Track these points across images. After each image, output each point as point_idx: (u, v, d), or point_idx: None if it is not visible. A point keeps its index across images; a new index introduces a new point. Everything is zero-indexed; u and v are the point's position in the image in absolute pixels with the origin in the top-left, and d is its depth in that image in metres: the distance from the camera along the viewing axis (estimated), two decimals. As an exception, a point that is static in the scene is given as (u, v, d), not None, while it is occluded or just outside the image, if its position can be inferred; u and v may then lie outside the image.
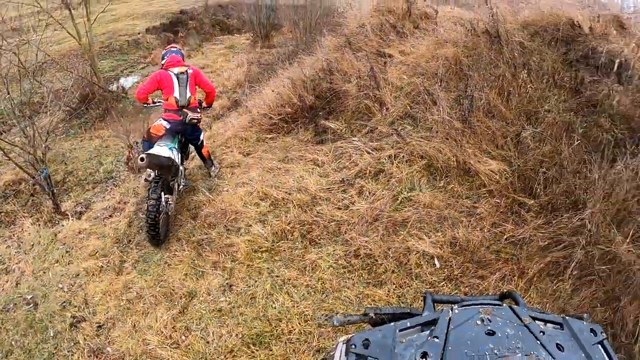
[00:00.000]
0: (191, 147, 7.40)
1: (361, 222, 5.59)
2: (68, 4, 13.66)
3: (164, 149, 6.13)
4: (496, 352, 1.88)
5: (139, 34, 21.35)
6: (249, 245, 5.64)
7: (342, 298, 4.92)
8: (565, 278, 4.79)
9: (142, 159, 5.84)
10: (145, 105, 7.11)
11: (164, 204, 5.98)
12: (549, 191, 5.47)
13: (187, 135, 6.88)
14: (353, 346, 1.97)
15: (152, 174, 6.32)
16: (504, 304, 2.26)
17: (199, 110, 6.97)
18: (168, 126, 6.56)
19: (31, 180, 8.27)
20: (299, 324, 4.76)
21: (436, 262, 5.11)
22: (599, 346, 2.01)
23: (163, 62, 7.06)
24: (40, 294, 5.71)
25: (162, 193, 6.01)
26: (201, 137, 7.11)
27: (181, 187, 6.66)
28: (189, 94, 6.78)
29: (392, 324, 2.10)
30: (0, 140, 8.11)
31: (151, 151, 6.04)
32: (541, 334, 1.98)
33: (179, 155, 6.60)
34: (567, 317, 2.14)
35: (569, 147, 5.64)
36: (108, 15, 17.04)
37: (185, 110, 6.71)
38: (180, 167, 6.61)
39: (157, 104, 7.04)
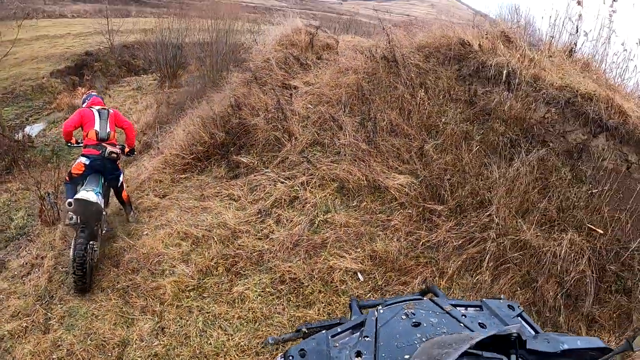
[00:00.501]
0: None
1: (282, 249, 5.80)
2: None
3: (90, 194, 6.11)
4: (424, 339, 2.04)
5: (43, 78, 20.85)
6: (176, 285, 5.66)
7: (274, 324, 5.07)
8: (483, 270, 5.29)
9: (69, 204, 5.90)
10: (69, 144, 7.25)
11: (89, 250, 5.92)
12: (456, 195, 6.00)
13: (107, 174, 6.82)
14: (290, 357, 2.12)
15: (74, 218, 6.26)
16: (425, 298, 2.48)
17: (117, 146, 7.02)
18: (87, 162, 6.57)
19: None
20: (237, 355, 4.85)
21: (359, 276, 5.40)
22: (519, 318, 2.27)
23: (85, 104, 7.28)
24: None
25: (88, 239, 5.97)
26: (121, 179, 7.12)
27: (103, 232, 6.57)
28: (109, 129, 6.89)
29: (324, 331, 2.27)
30: None
31: (78, 196, 6.04)
32: (463, 317, 2.20)
33: (103, 200, 6.60)
34: (484, 299, 2.39)
35: (469, 153, 6.26)
36: (10, 58, 16.63)
37: (104, 144, 6.74)
38: (103, 212, 6.57)
39: (80, 144, 7.12)
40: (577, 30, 7.40)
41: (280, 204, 6.48)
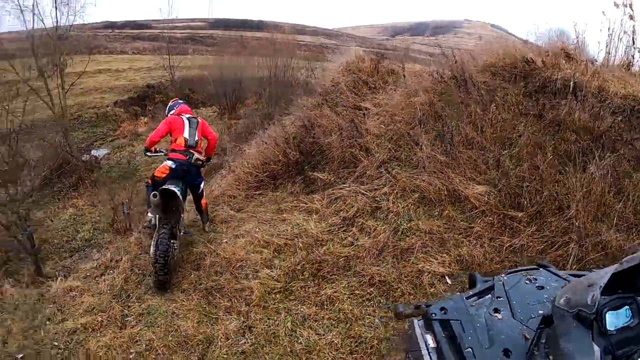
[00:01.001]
0: None
1: (369, 254, 5.79)
2: (43, 73, 13.90)
3: (174, 188, 6.28)
4: (552, 299, 2.16)
5: (107, 107, 21.77)
6: (262, 287, 5.69)
7: (366, 324, 5.04)
8: (567, 271, 5.21)
9: (155, 195, 6.13)
10: (148, 153, 7.30)
11: (171, 248, 6.05)
12: (534, 202, 5.95)
13: (190, 179, 6.94)
14: (433, 315, 2.21)
15: (153, 220, 6.49)
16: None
17: (203, 154, 7.19)
18: (173, 166, 6.70)
19: (13, 239, 8.27)
20: (330, 353, 4.83)
21: (447, 279, 5.37)
22: None
23: (172, 112, 7.42)
24: (33, 353, 5.37)
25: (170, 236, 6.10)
26: (202, 186, 7.23)
27: (181, 233, 6.63)
28: (197, 137, 7.04)
29: (458, 293, 2.38)
30: None
31: (164, 187, 6.24)
32: None
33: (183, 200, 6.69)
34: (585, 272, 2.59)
35: (544, 162, 6.22)
36: (77, 88, 17.71)
37: (192, 150, 6.91)
38: (182, 212, 6.70)
39: (159, 153, 7.26)
40: (633, 42, 7.51)
41: (362, 214, 6.49)
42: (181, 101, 7.74)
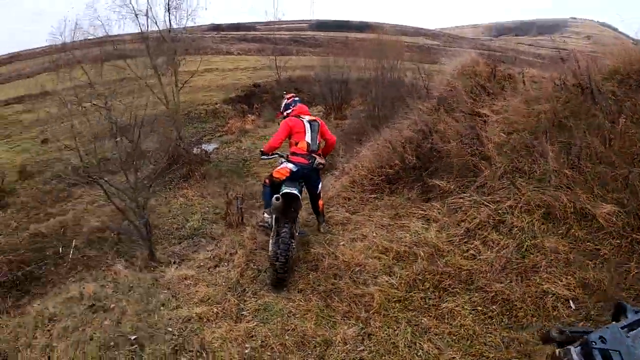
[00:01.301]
0: None
1: (491, 270, 5.58)
2: (159, 72, 14.61)
3: (295, 190, 6.36)
4: None
5: (216, 104, 22.87)
6: (382, 295, 5.59)
7: (488, 343, 4.86)
8: None
9: (277, 199, 6.13)
10: (265, 155, 7.14)
11: (292, 246, 6.10)
12: None
13: (310, 181, 7.02)
14: (593, 343, 2.09)
15: (270, 220, 6.67)
16: None
17: (323, 157, 7.18)
18: (295, 169, 6.71)
19: (129, 224, 8.66)
20: (450, 370, 4.68)
21: (571, 304, 5.07)
22: None
23: (289, 111, 7.38)
24: (147, 336, 5.42)
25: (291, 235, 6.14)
26: (319, 187, 7.20)
27: (297, 233, 6.59)
28: (318, 141, 7.05)
29: (613, 323, 2.30)
30: (108, 184, 8.37)
31: (285, 191, 6.30)
32: None
33: None
34: None
35: None
36: (186, 86, 18.28)
37: (314, 154, 6.91)
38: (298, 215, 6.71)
39: (275, 155, 7.14)
40: None
41: (484, 226, 6.26)
42: (298, 99, 7.62)
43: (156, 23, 17.01)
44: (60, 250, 10.37)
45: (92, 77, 8.17)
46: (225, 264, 7.03)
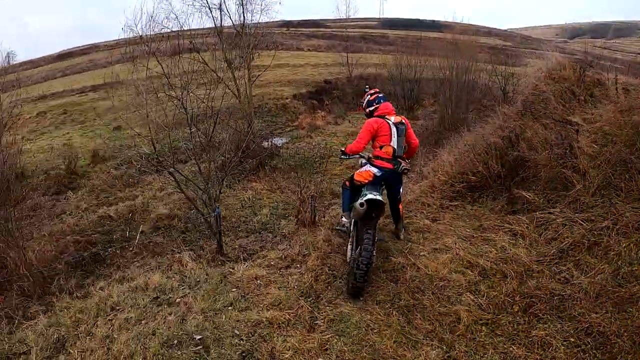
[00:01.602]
0: None
1: (585, 297, 5.00)
2: (231, 64, 14.47)
3: (378, 196, 5.90)
4: None
5: (287, 99, 22.67)
6: (469, 316, 5.11)
7: (580, 378, 4.32)
8: None
9: (361, 205, 5.69)
10: (345, 156, 6.62)
11: (373, 253, 5.65)
12: None
13: (392, 185, 6.57)
14: None
15: (348, 225, 6.34)
16: None
17: (407, 161, 6.70)
18: (379, 174, 6.31)
19: (199, 216, 8.40)
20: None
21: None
22: None
23: (371, 108, 6.75)
24: (212, 337, 5.15)
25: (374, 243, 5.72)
26: (401, 191, 6.81)
27: (376, 239, 6.10)
28: (404, 145, 6.55)
29: None
30: (180, 173, 8.13)
31: (370, 197, 5.80)
32: None
33: None
34: None
35: None
36: (257, 80, 18.22)
37: (399, 159, 6.43)
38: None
39: (355, 156, 6.65)
40: None
41: (577, 247, 5.67)
42: (382, 95, 6.89)
43: (230, 17, 16.95)
44: (127, 234, 10.33)
45: (166, 68, 7.91)
46: (298, 265, 6.66)
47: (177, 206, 11.41)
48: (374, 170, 6.34)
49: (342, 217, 6.80)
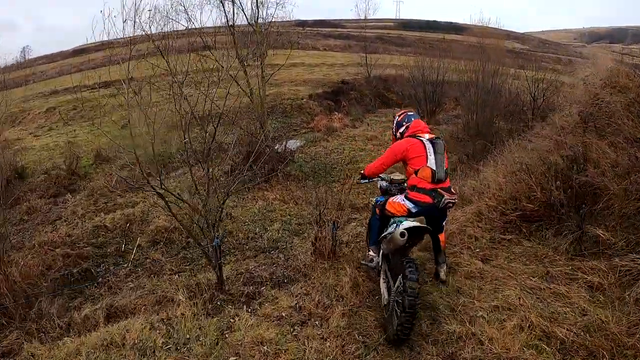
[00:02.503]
0: None
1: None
2: (243, 62, 12.92)
3: (417, 221, 4.60)
4: None
5: (302, 99, 21.38)
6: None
7: None
8: None
9: (402, 235, 4.40)
10: (364, 179, 5.52)
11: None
12: None
13: (433, 221, 4.92)
14: None
15: (376, 259, 5.18)
16: None
17: (453, 190, 5.09)
18: (414, 210, 4.84)
19: (198, 246, 6.63)
20: None
21: None
22: None
23: (401, 129, 5.32)
24: None
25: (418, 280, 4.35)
26: (445, 222, 5.33)
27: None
28: (446, 166, 5.00)
29: None
30: (174, 195, 6.36)
31: (410, 225, 4.51)
32: None
33: None
34: None
35: None
36: (271, 79, 16.87)
37: (440, 190, 4.85)
38: None
39: (375, 179, 5.55)
40: None
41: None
42: (412, 113, 5.48)
43: (243, 10, 15.67)
44: (122, 248, 9.04)
45: (173, 66, 6.51)
46: (317, 324, 4.96)
47: (179, 217, 9.92)
48: (408, 204, 4.89)
49: (369, 252, 5.42)
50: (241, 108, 14.09)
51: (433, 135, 5.08)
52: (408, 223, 4.56)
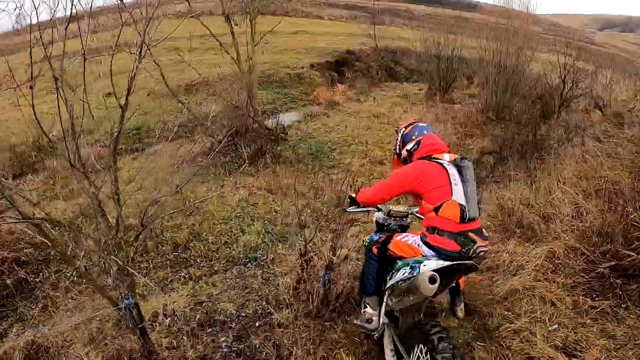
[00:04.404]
0: None
1: None
2: (232, 21, 10.59)
3: (440, 262, 3.01)
4: None
5: (302, 68, 19.05)
6: None
7: None
8: None
9: (432, 280, 2.76)
10: (351, 208, 3.81)
11: None
12: None
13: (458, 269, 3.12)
14: None
15: (376, 320, 3.55)
16: None
17: (485, 232, 3.27)
18: (435, 259, 3.16)
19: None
20: None
21: None
22: None
23: (409, 147, 3.56)
24: None
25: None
26: None
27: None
28: (478, 198, 3.36)
29: None
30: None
31: (441, 265, 2.96)
32: None
33: None
34: None
35: None
36: (270, 46, 15.38)
37: (471, 233, 3.10)
38: None
39: (365, 210, 3.86)
40: None
41: None
42: (423, 124, 3.67)
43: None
44: (69, 252, 6.58)
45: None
46: None
47: (141, 209, 7.53)
48: (426, 251, 3.22)
49: (364, 307, 3.70)
50: (226, 76, 11.86)
51: (456, 156, 3.39)
52: (435, 262, 3.03)
